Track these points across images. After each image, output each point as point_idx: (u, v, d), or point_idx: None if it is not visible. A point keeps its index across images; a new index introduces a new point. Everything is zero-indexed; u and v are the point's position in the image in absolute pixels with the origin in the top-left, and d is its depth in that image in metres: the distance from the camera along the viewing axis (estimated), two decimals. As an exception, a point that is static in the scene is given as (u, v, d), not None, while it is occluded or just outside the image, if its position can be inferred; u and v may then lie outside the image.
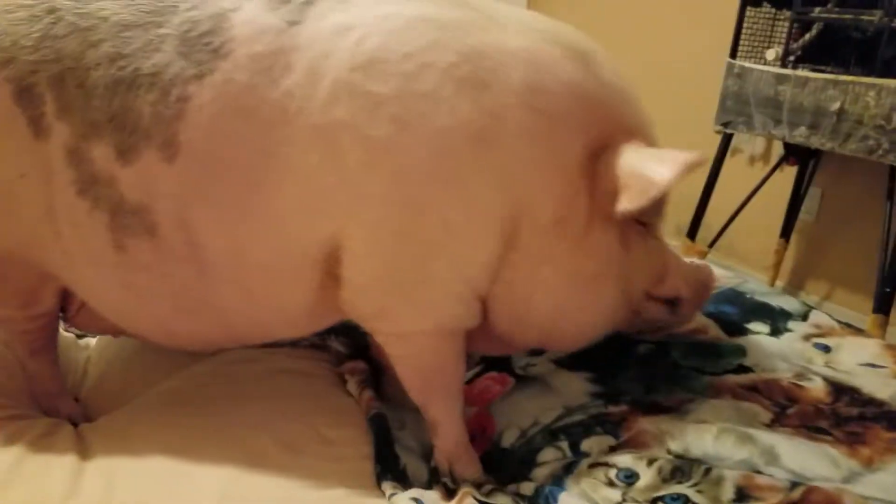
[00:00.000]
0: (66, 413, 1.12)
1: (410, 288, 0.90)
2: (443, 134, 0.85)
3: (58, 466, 0.94)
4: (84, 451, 0.99)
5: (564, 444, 0.97)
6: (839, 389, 1.01)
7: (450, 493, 0.93)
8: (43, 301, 1.04)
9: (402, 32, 0.86)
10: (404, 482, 0.96)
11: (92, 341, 1.32)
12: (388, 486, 0.93)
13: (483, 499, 0.90)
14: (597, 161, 0.91)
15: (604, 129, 0.91)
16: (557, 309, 0.94)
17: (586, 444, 0.95)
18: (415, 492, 0.92)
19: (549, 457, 0.96)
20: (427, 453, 1.04)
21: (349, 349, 1.27)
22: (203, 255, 0.90)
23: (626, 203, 0.86)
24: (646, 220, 0.97)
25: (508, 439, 1.03)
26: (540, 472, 0.94)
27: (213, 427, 1.03)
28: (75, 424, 1.08)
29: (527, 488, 0.91)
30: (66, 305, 1.08)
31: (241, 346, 1.19)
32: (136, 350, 1.25)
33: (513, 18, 0.93)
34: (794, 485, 0.81)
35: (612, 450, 0.93)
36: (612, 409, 1.01)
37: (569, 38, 0.94)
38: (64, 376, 1.19)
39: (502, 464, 1.01)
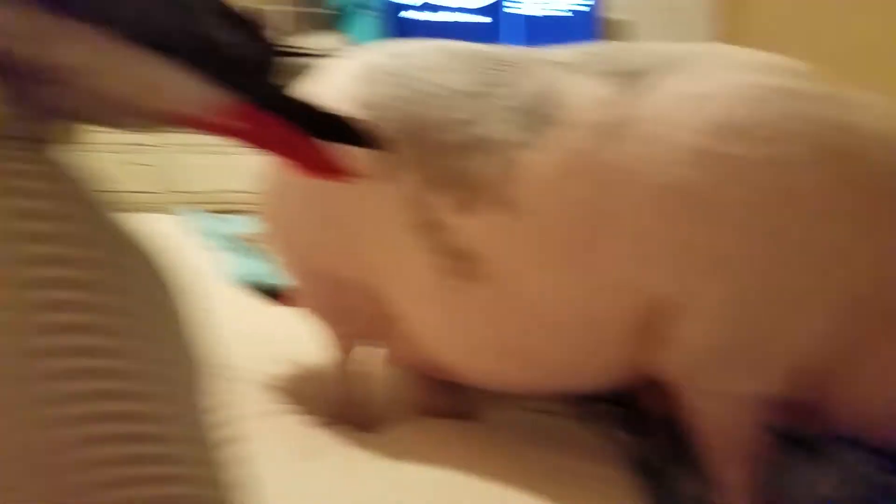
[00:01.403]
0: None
1: (747, 351, 0.89)
2: (806, 202, 0.84)
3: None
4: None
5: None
6: None
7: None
8: (380, 331, 1.13)
9: (759, 101, 0.86)
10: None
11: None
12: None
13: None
14: None
15: None
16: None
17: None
18: None
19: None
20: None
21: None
22: (526, 305, 0.95)
23: None
24: None
25: None
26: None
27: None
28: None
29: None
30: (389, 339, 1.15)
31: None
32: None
33: (865, 98, 0.92)
34: None
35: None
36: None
37: None
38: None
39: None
